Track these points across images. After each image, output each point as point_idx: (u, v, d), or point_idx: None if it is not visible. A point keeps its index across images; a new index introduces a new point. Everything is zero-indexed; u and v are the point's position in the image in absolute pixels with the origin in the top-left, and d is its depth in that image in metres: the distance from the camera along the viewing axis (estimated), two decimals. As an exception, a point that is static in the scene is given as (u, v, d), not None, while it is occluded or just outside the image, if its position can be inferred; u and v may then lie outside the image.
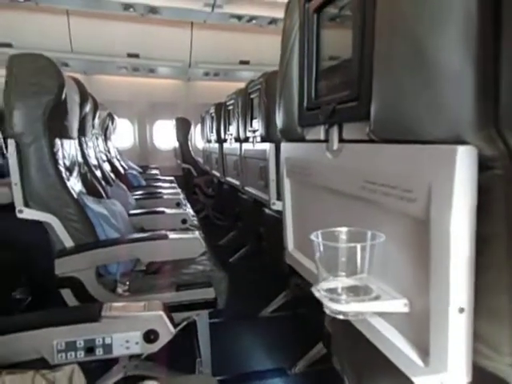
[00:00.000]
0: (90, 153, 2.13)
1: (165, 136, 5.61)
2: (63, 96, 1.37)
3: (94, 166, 2.07)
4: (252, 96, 2.06)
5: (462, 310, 0.44)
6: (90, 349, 0.88)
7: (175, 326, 1.36)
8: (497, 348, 0.44)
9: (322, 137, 0.76)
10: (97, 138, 2.88)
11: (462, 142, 0.42)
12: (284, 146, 0.98)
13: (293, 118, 0.87)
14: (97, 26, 4.19)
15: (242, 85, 2.33)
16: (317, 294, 0.56)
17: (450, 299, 0.43)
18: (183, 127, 4.96)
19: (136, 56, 4.58)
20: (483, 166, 0.42)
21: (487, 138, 0.40)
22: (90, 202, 1.50)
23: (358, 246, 0.54)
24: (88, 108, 2.03)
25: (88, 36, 4.24)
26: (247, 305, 2.19)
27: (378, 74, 0.54)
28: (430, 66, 0.43)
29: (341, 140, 0.69)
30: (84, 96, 1.85)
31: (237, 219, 3.08)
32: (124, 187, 2.52)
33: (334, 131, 0.70)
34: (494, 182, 0.42)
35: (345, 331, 0.91)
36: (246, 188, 2.25)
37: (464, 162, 0.41)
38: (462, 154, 0.41)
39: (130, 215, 1.97)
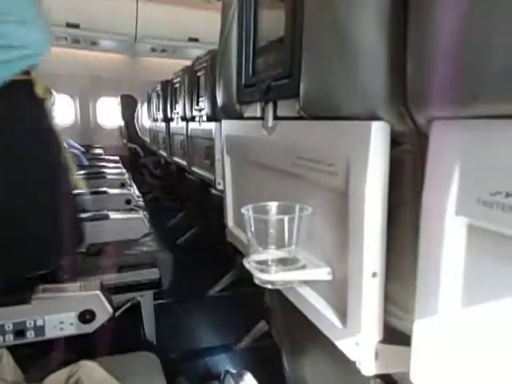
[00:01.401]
0: (22, 129, 1.98)
1: (109, 114, 5.35)
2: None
3: (27, 143, 1.93)
4: (198, 74, 2.02)
5: (374, 275, 0.47)
6: (19, 332, 0.84)
7: (117, 307, 1.34)
8: (405, 307, 0.49)
9: (259, 114, 0.77)
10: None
11: (377, 118, 0.45)
12: (224, 123, 0.98)
13: (232, 95, 0.87)
14: None
15: (190, 63, 2.28)
16: (247, 266, 0.58)
17: (364, 264, 0.47)
18: (129, 105, 4.76)
19: (76, 26, 4.28)
20: (395, 141, 0.45)
21: (398, 114, 0.43)
22: (22, 180, 1.40)
23: (286, 218, 0.56)
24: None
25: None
26: (194, 285, 2.20)
27: (306, 52, 0.55)
28: (348, 44, 0.45)
29: (276, 117, 0.71)
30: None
31: (185, 200, 3.05)
32: (63, 167, 2.38)
33: (269, 108, 0.71)
34: (405, 156, 0.45)
35: (280, 304, 0.95)
36: (193, 168, 2.23)
37: (377, 136, 0.44)
38: (375, 129, 0.44)
39: (69, 195, 1.87)
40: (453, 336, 0.38)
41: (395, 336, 0.50)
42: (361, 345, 0.50)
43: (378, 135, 0.44)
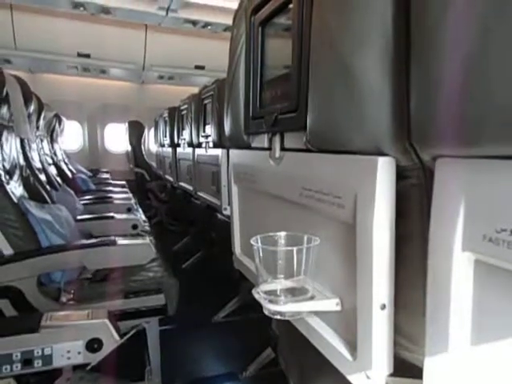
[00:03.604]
0: (34, 155, 2.02)
1: (117, 139, 5.44)
2: (3, 94, 1.30)
3: (38, 169, 1.97)
4: (205, 101, 2.07)
5: (383, 307, 0.48)
6: (27, 361, 0.84)
7: (123, 334, 1.33)
8: (415, 340, 0.49)
9: (266, 145, 0.79)
10: (41, 140, 2.74)
11: (382, 154, 0.46)
12: (232, 152, 1.00)
13: (239, 126, 0.89)
14: (44, 22, 3.98)
15: (197, 90, 2.34)
16: (256, 296, 0.59)
17: (373, 296, 0.47)
18: (136, 130, 4.85)
19: (87, 56, 4.42)
20: (401, 175, 0.47)
21: (403, 150, 0.45)
22: (31, 207, 1.43)
23: (295, 250, 0.57)
24: (31, 108, 1.94)
25: (34, 33, 4.02)
26: (199, 311, 2.18)
27: (312, 87, 0.57)
28: (354, 82, 0.47)
29: (283, 148, 0.73)
30: (27, 95, 1.76)
31: (190, 225, 3.05)
32: (71, 192, 2.41)
33: (277, 140, 0.73)
34: (410, 190, 0.47)
35: (288, 333, 0.94)
36: (199, 193, 2.25)
37: (383, 171, 0.45)
38: (381, 164, 0.45)
39: (76, 221, 1.89)
40: (464, 371, 0.38)
41: (405, 368, 0.50)
42: (371, 378, 0.49)
43: (384, 170, 0.45)
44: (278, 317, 0.58)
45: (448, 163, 0.37)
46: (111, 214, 2.08)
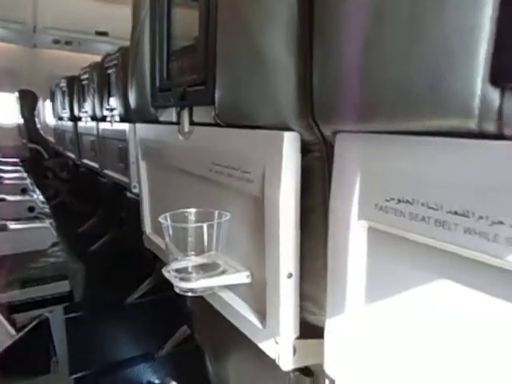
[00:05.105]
0: None
1: (5, 110, 4.78)
2: None
3: None
4: (109, 71, 1.91)
5: (290, 275, 0.50)
6: None
7: (22, 326, 1.21)
8: (319, 304, 0.52)
9: (175, 119, 0.76)
10: None
11: (288, 129, 0.47)
12: (139, 127, 0.95)
13: (146, 99, 0.84)
14: None
15: (99, 58, 2.14)
16: (167, 275, 0.57)
17: (280, 266, 0.49)
18: (28, 101, 4.30)
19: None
20: (305, 149, 0.49)
21: (307, 125, 0.46)
22: None
23: (205, 226, 0.56)
24: None
25: None
26: (111, 295, 2.08)
27: (220, 60, 0.56)
28: (260, 56, 0.47)
29: (192, 123, 0.71)
30: None
31: (97, 205, 2.86)
32: None
33: (185, 114, 0.71)
34: (314, 164, 0.49)
35: (202, 308, 0.95)
36: (105, 171, 2.10)
37: (289, 146, 0.47)
38: (287, 139, 0.46)
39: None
40: (359, 329, 0.42)
41: (312, 330, 0.54)
42: (279, 343, 0.52)
43: (290, 145, 0.47)
44: (190, 294, 0.57)
45: (346, 138, 0.40)
46: (2, 196, 1.85)
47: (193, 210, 0.61)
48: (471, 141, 0.29)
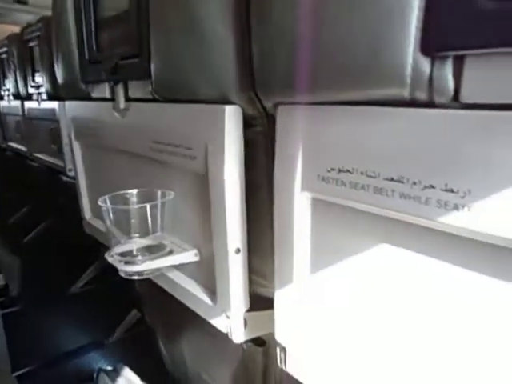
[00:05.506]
0: None
1: None
2: None
3: None
4: (31, 44, 1.73)
5: (238, 251, 0.50)
6: None
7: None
8: (267, 277, 0.53)
9: (108, 95, 0.71)
10: None
11: (230, 103, 0.46)
12: (69, 104, 0.87)
13: (75, 74, 0.77)
14: None
15: (18, 29, 1.92)
16: (110, 260, 0.55)
17: (228, 242, 0.49)
18: None
19: None
20: (248, 123, 0.48)
21: (248, 99, 0.45)
22: None
23: (148, 206, 0.54)
24: None
25: None
26: (52, 286, 1.97)
27: (154, 30, 0.53)
28: (197, 28, 0.45)
29: (128, 99, 0.66)
30: None
31: (28, 192, 2.65)
32: None
33: (120, 89, 0.66)
34: (257, 138, 0.48)
35: (151, 290, 0.93)
36: (36, 154, 1.94)
37: (231, 120, 0.46)
38: (229, 112, 0.45)
39: None
40: (307, 297, 0.43)
41: (262, 302, 0.55)
42: (230, 317, 0.53)
43: (232, 118, 0.46)
44: (136, 277, 0.56)
45: (287, 110, 0.40)
46: None
47: (134, 191, 0.59)
48: (404, 109, 0.30)
